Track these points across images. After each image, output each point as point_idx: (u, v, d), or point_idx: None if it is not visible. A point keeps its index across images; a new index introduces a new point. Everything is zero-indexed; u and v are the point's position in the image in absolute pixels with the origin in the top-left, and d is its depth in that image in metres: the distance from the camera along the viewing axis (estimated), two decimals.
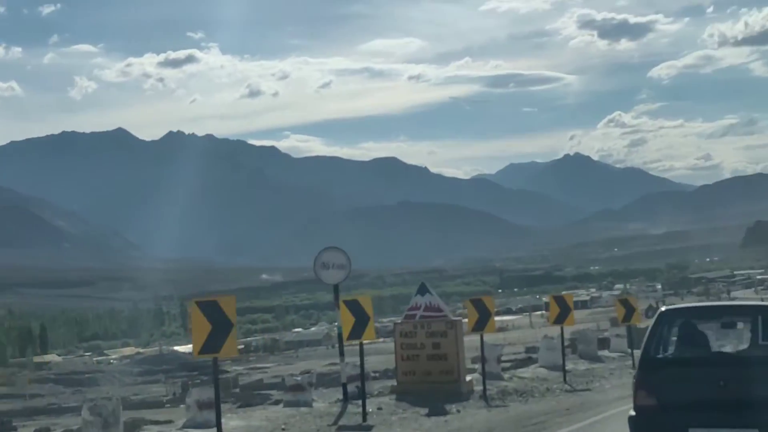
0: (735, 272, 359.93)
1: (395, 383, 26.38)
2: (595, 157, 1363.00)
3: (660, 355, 13.55)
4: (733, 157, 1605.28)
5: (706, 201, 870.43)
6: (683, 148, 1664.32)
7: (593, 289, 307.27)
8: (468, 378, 25.91)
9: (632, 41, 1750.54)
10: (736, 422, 12.55)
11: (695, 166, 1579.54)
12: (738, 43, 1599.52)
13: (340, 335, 22.80)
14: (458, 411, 23.19)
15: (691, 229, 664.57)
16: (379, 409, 23.12)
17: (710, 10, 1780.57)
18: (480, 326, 25.32)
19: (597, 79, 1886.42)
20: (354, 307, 21.60)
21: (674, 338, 13.84)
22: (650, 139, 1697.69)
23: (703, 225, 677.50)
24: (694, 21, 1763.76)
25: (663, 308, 14.41)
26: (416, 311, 25.79)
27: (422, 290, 25.99)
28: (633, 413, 13.27)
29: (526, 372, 32.51)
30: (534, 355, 42.58)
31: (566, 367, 31.40)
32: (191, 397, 20.36)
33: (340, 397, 24.31)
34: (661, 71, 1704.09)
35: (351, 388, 23.62)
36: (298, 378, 24.50)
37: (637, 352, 16.95)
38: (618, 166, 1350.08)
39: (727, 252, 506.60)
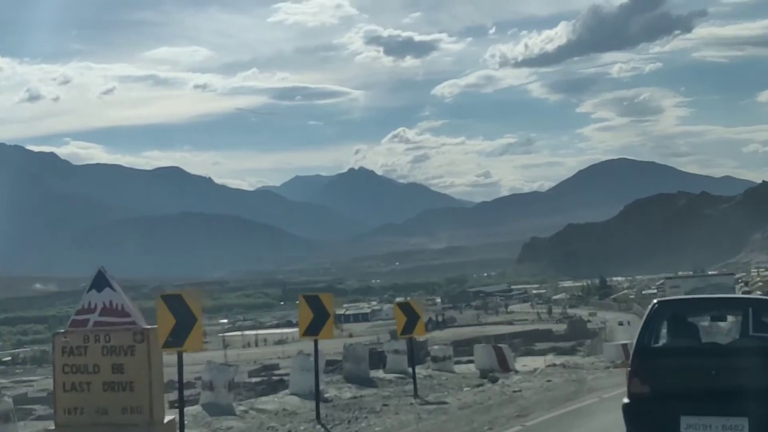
0: (512, 287, 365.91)
1: (52, 426, 16.88)
2: (379, 172, 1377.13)
3: (653, 345, 13.77)
4: (511, 175, 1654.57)
5: (485, 217, 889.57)
6: (464, 165, 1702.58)
7: (374, 302, 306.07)
8: (167, 419, 16.63)
9: (417, 59, 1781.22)
10: (726, 411, 12.83)
11: (475, 183, 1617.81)
12: (518, 64, 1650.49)
13: None
14: None
15: (470, 245, 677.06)
16: None
17: (492, 31, 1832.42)
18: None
19: (382, 95, 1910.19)
20: None
21: (665, 329, 14.02)
22: (433, 156, 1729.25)
23: (481, 240, 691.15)
24: (477, 41, 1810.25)
25: (656, 300, 14.51)
26: (89, 315, 16.50)
27: (99, 283, 16.48)
28: (627, 401, 13.51)
29: (271, 402, 23.54)
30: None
31: (325, 395, 23.67)
32: None
33: None
34: (444, 89, 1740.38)
35: None
36: None
37: (421, 369, 19.44)
38: (401, 181, 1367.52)
39: (505, 267, 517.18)
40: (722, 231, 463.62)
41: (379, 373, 31.09)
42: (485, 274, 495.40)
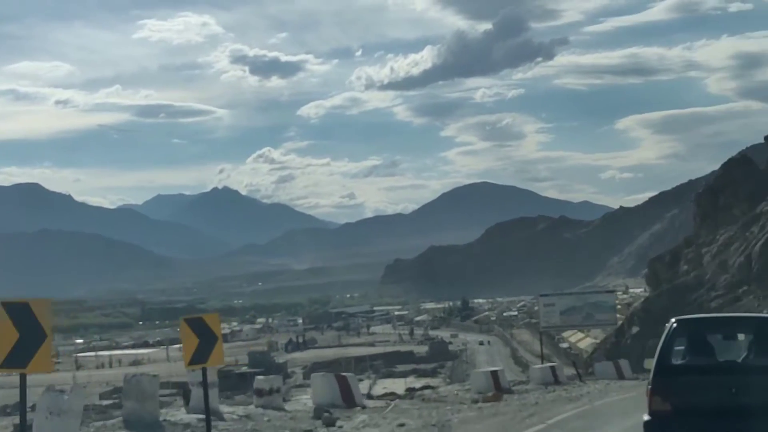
0: (375, 308, 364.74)
1: None
2: (244, 192, 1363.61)
3: (674, 363, 13.95)
4: (376, 196, 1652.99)
5: (349, 238, 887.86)
6: (329, 186, 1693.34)
7: (235, 323, 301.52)
8: None
9: (283, 79, 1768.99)
10: (746, 429, 12.94)
11: (340, 204, 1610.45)
12: (384, 87, 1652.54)
13: None
14: None
15: (334, 266, 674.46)
16: None
17: (359, 53, 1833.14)
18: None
19: (248, 115, 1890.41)
20: None
21: (684, 347, 14.14)
22: (298, 176, 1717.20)
23: (345, 261, 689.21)
24: (343, 63, 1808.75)
25: (674, 318, 14.64)
26: None
27: None
28: (648, 418, 13.60)
29: None
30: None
31: None
32: None
33: None
34: (310, 110, 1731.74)
35: None
36: None
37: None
38: (265, 201, 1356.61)
39: (368, 288, 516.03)
40: (580, 255, 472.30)
41: (180, 414, 23.34)
42: (348, 295, 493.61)
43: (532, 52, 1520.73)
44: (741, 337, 14.74)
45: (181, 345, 18.38)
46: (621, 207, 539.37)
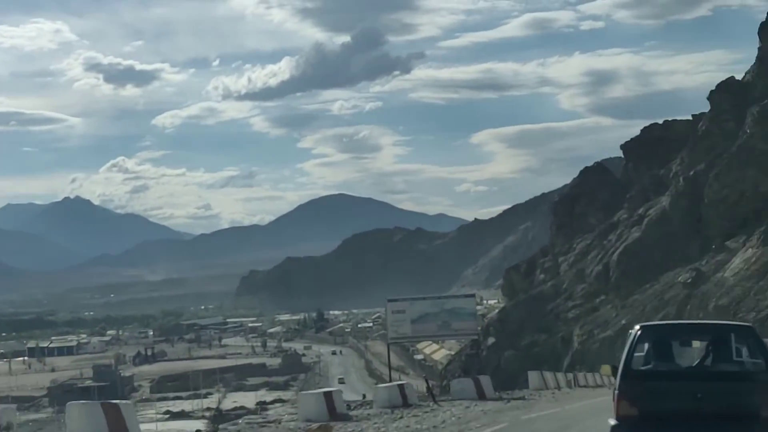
0: (228, 320, 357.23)
1: None
2: (97, 201, 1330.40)
3: (640, 368, 13.99)
4: (232, 207, 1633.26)
5: (205, 249, 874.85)
6: (184, 196, 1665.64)
7: (84, 335, 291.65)
8: None
9: (138, 88, 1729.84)
10: None
11: (195, 215, 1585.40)
12: (241, 97, 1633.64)
13: None
14: None
15: (189, 277, 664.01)
16: None
17: (216, 63, 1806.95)
18: None
19: (102, 123, 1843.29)
20: None
21: (648, 353, 14.21)
22: (152, 186, 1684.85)
23: (200, 273, 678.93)
24: (200, 73, 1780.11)
25: (639, 325, 14.64)
26: None
27: None
28: (615, 422, 13.68)
29: None
30: None
31: None
32: None
33: None
34: (165, 120, 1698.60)
35: None
36: None
37: None
38: (119, 211, 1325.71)
39: (223, 300, 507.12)
40: (436, 266, 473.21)
41: None
42: (203, 307, 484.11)
43: (389, 65, 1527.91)
44: (696, 343, 14.87)
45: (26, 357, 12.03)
46: (476, 219, 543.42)
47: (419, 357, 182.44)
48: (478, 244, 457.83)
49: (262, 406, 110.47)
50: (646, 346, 14.16)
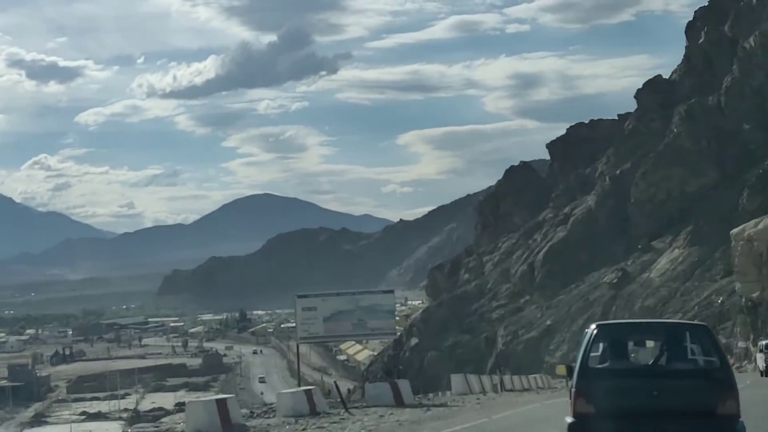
0: (149, 319, 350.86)
1: None
2: (18, 199, 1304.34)
3: (596, 366, 14.03)
4: (156, 206, 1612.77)
5: (127, 248, 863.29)
6: (107, 195, 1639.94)
7: (2, 334, 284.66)
8: None
9: (61, 84, 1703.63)
10: (668, 430, 13.39)
11: (118, 213, 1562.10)
12: (166, 95, 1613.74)
13: None
14: None
15: (111, 276, 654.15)
16: None
17: (141, 60, 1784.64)
18: None
19: (24, 120, 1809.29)
20: None
21: (605, 351, 14.25)
22: (75, 184, 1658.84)
23: (123, 272, 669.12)
24: (124, 70, 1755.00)
25: (595, 324, 14.82)
26: None
27: None
28: (572, 420, 13.71)
29: None
30: None
31: None
32: None
33: None
34: (89, 117, 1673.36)
35: None
36: None
37: None
38: (40, 209, 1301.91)
39: (145, 299, 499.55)
40: (360, 266, 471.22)
41: None
42: (125, 307, 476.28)
43: (316, 65, 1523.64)
44: (650, 343, 14.86)
45: None
46: (401, 220, 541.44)
47: (342, 357, 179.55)
48: (403, 245, 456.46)
49: (180, 407, 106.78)
50: (602, 345, 14.16)
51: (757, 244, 71.95)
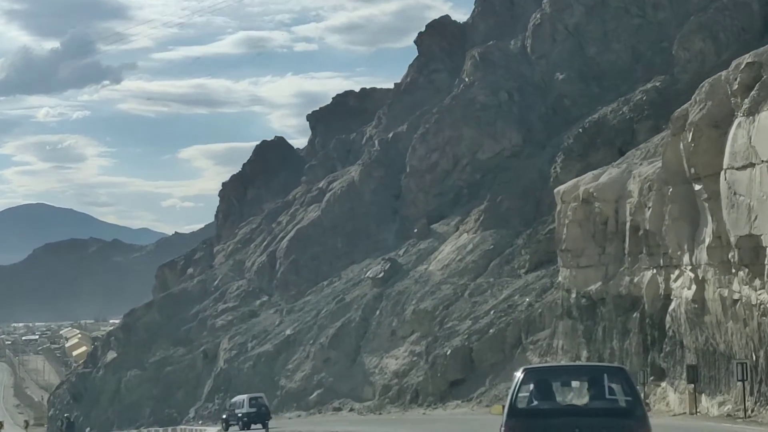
0: None
1: None
2: None
3: (524, 407, 14.65)
4: None
5: None
6: None
7: None
8: None
9: None
10: None
11: None
12: None
13: None
14: None
15: None
16: None
17: None
18: None
19: None
20: None
21: (531, 393, 14.77)
22: None
23: None
24: None
25: (522, 368, 15.16)
26: None
27: None
28: None
29: None
30: None
31: None
32: None
33: None
34: None
35: None
36: None
37: None
38: None
39: None
40: (131, 279, 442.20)
41: None
42: None
43: (99, 74, 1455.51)
44: (575, 383, 15.48)
45: None
46: (176, 233, 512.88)
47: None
48: (175, 257, 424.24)
49: None
50: (530, 386, 14.71)
51: (599, 206, 43.86)
